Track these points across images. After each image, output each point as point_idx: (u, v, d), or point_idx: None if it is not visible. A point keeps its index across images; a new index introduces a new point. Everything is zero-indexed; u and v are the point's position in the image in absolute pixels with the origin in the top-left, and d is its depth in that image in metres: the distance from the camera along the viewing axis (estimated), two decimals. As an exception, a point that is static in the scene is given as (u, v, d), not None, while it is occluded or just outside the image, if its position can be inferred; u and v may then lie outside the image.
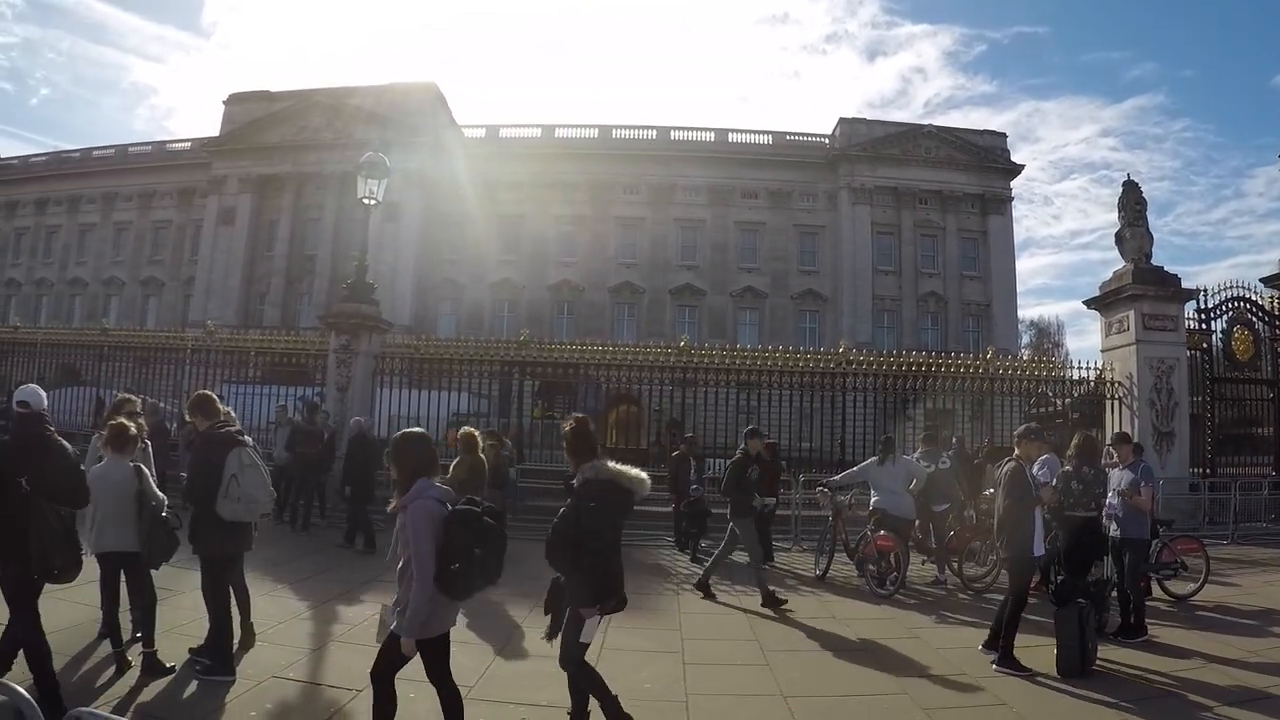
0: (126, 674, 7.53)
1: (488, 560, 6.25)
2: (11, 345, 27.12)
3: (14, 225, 71.28)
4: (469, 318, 57.55)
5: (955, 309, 56.24)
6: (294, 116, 60.61)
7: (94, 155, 70.49)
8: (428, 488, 6.13)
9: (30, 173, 71.64)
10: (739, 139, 60.79)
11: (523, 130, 62.87)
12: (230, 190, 61.21)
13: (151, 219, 67.07)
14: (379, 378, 20.88)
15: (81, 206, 68.93)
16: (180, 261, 64.75)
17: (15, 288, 69.85)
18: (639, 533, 18.00)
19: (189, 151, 66.17)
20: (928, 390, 21.16)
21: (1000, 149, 58.92)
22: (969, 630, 10.37)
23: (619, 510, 6.68)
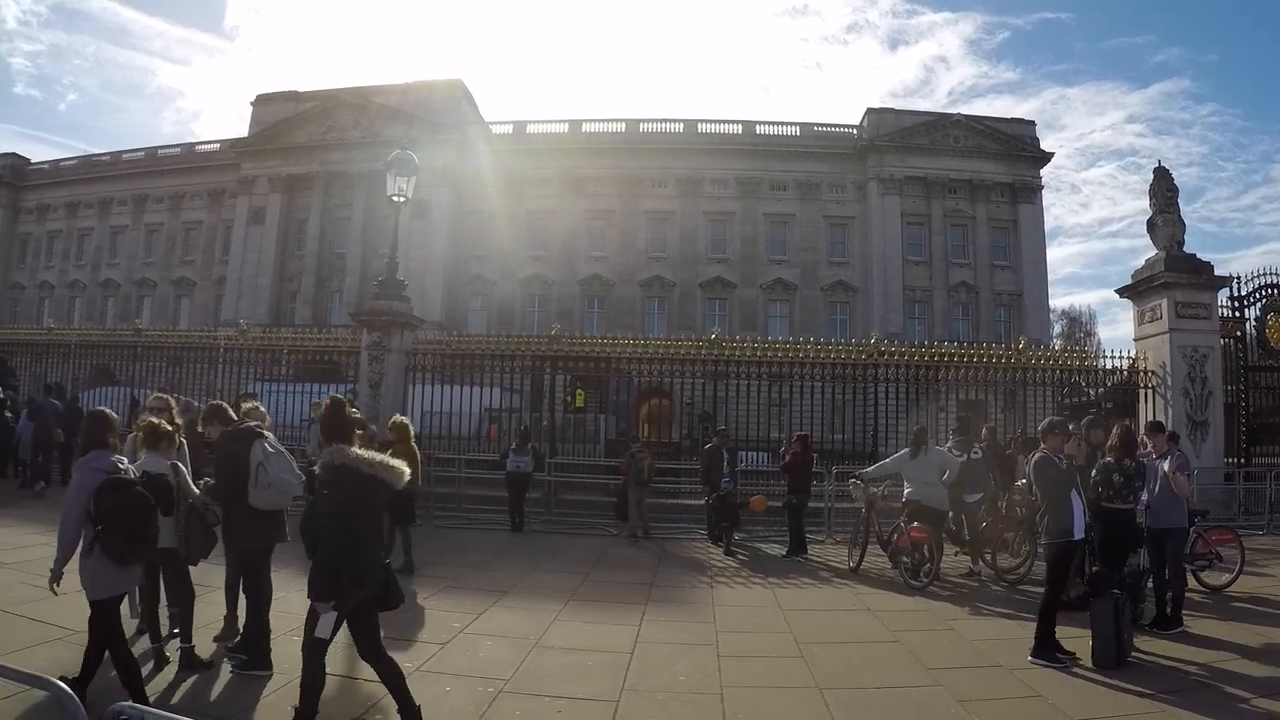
0: (165, 669, 7.62)
1: (145, 529, 6.60)
2: (46, 346, 27.28)
3: (46, 229, 71.96)
4: (500, 313, 57.71)
5: (986, 299, 55.79)
6: (321, 116, 60.84)
7: (124, 158, 71.10)
8: (94, 459, 6.64)
9: (61, 177, 72.36)
10: (766, 131, 60.53)
11: (550, 126, 62.85)
12: (260, 190, 61.62)
13: (182, 220, 67.56)
14: (411, 374, 20.93)
15: (113, 209, 69.50)
16: (211, 261, 65.23)
17: (48, 290, 70.57)
18: (672, 526, 18.06)
19: (218, 153, 66.60)
20: (959, 381, 21.07)
21: (1029, 137, 58.30)
22: (1003, 622, 10.40)
23: (360, 500, 6.26)
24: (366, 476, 6.25)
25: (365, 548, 6.26)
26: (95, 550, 6.47)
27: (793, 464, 16.28)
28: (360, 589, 6.22)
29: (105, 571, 6.53)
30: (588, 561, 14.37)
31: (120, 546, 6.49)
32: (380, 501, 6.53)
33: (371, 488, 6.29)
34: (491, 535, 16.78)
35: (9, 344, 28.46)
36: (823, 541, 16.76)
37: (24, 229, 72.98)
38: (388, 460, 6.45)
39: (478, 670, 7.95)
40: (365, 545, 6.27)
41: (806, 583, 13.13)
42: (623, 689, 7.52)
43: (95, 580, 6.55)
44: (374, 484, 6.30)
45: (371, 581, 6.29)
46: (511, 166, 58.68)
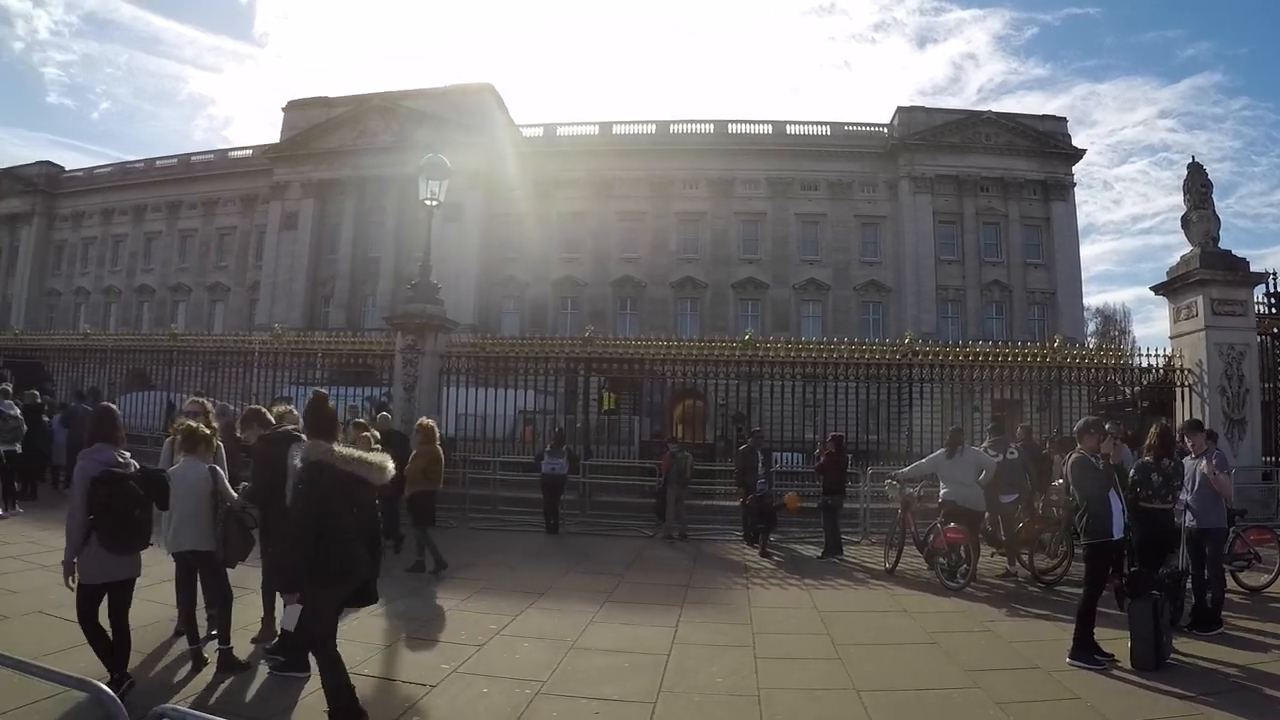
0: (203, 670, 7.67)
1: (141, 521, 7.05)
2: (83, 351, 27.51)
3: (81, 235, 72.72)
4: (532, 316, 57.89)
5: (1020, 297, 55.31)
6: (352, 121, 61.17)
7: (157, 165, 71.72)
8: (98, 450, 7.08)
9: (95, 184, 73.18)
10: (797, 131, 60.16)
11: (580, 128, 62.83)
12: (292, 195, 62.06)
13: (215, 225, 68.12)
14: (445, 377, 21.01)
15: (147, 215, 70.12)
16: (245, 266, 65.71)
17: (84, 296, 71.24)
18: (707, 527, 18.04)
19: (250, 159, 67.17)
20: (994, 380, 20.95)
21: (1061, 134, 57.75)
22: (1041, 623, 10.34)
23: (337, 496, 6.39)
24: (343, 473, 6.42)
25: (344, 544, 6.36)
26: (91, 538, 6.83)
27: (827, 464, 16.26)
28: (344, 583, 6.43)
29: (98, 558, 6.88)
30: (623, 563, 14.40)
31: (111, 536, 6.88)
32: (363, 498, 6.64)
33: (349, 484, 6.45)
34: (527, 537, 16.83)
35: (46, 349, 28.82)
36: (858, 543, 16.74)
37: (59, 236, 73.78)
38: (365, 457, 6.61)
39: (515, 672, 7.97)
40: (344, 541, 6.37)
41: (843, 584, 13.11)
42: (659, 691, 7.53)
43: (88, 565, 6.88)
44: (351, 480, 6.46)
45: (354, 577, 6.48)
46: (542, 169, 58.82)
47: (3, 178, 73.88)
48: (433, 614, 10.21)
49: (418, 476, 12.95)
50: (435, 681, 7.58)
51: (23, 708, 6.28)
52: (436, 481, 13.18)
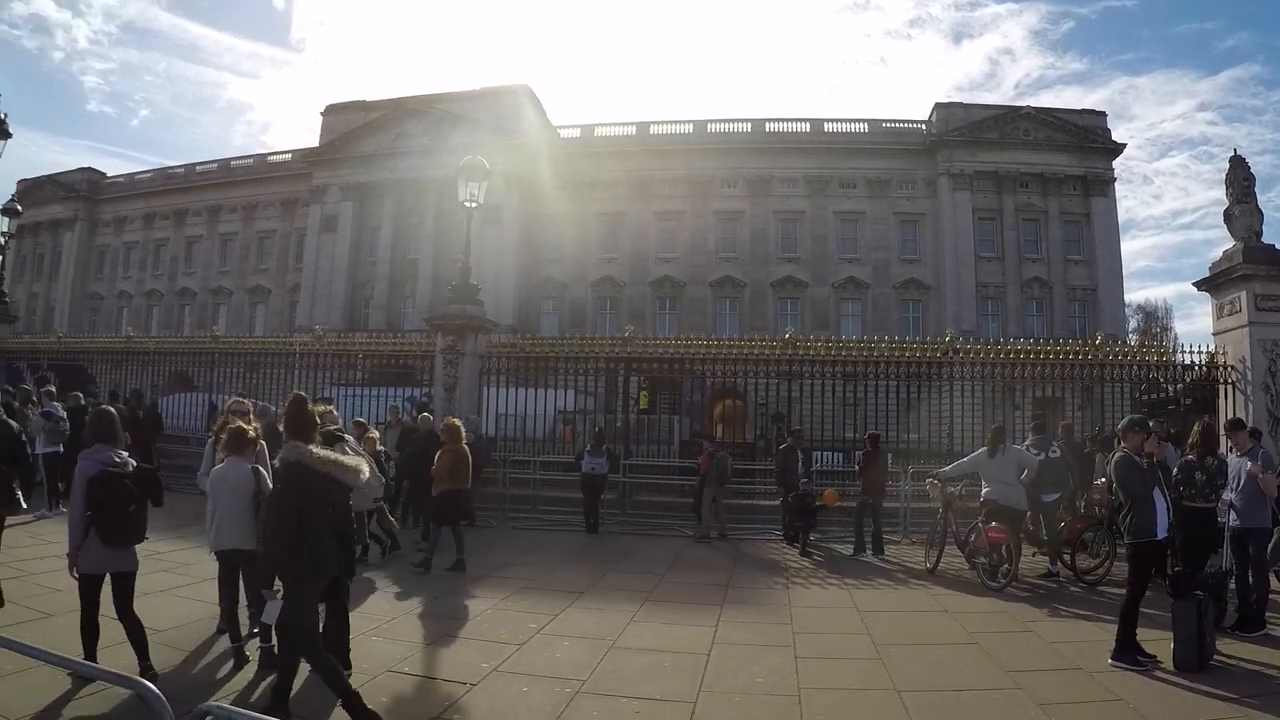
0: (245, 668, 7.75)
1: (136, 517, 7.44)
2: (125, 354, 27.76)
3: (123, 240, 73.88)
4: (571, 316, 58.12)
5: (1060, 294, 54.72)
6: (390, 124, 61.55)
7: (198, 170, 72.64)
8: (97, 451, 7.50)
9: (136, 189, 74.25)
10: (834, 128, 59.82)
11: (617, 129, 62.95)
12: (331, 199, 62.53)
13: (256, 229, 68.83)
14: (485, 377, 21.09)
15: (188, 220, 71.02)
16: (285, 269, 66.34)
17: (126, 299, 72.32)
18: (746, 526, 18.00)
19: (289, 163, 67.87)
20: (1034, 378, 20.80)
21: (1101, 128, 57.10)
22: (1083, 624, 10.26)
23: (313, 496, 6.58)
24: (319, 474, 6.63)
25: (317, 541, 6.55)
26: (90, 532, 7.24)
27: (866, 464, 16.23)
28: (316, 578, 6.64)
29: (96, 551, 7.27)
30: (663, 562, 14.42)
31: (108, 531, 7.27)
32: (337, 498, 6.90)
33: (325, 485, 6.67)
34: (567, 536, 16.88)
35: (89, 352, 29.05)
36: (899, 542, 16.70)
37: (101, 240, 74.96)
38: (341, 459, 6.89)
39: (555, 671, 7.99)
40: (317, 538, 6.55)
41: (883, 583, 13.08)
42: (700, 690, 7.52)
43: (88, 558, 7.29)
44: (327, 481, 6.68)
45: (326, 572, 6.73)
46: (580, 170, 58.99)
47: (45, 184, 74.83)
48: (473, 613, 10.24)
49: (444, 476, 12.99)
50: (475, 680, 7.61)
51: (69, 703, 6.36)
52: (464, 480, 13.21)
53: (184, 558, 12.08)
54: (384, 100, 62.98)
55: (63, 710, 6.30)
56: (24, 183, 72.61)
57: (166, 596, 10.26)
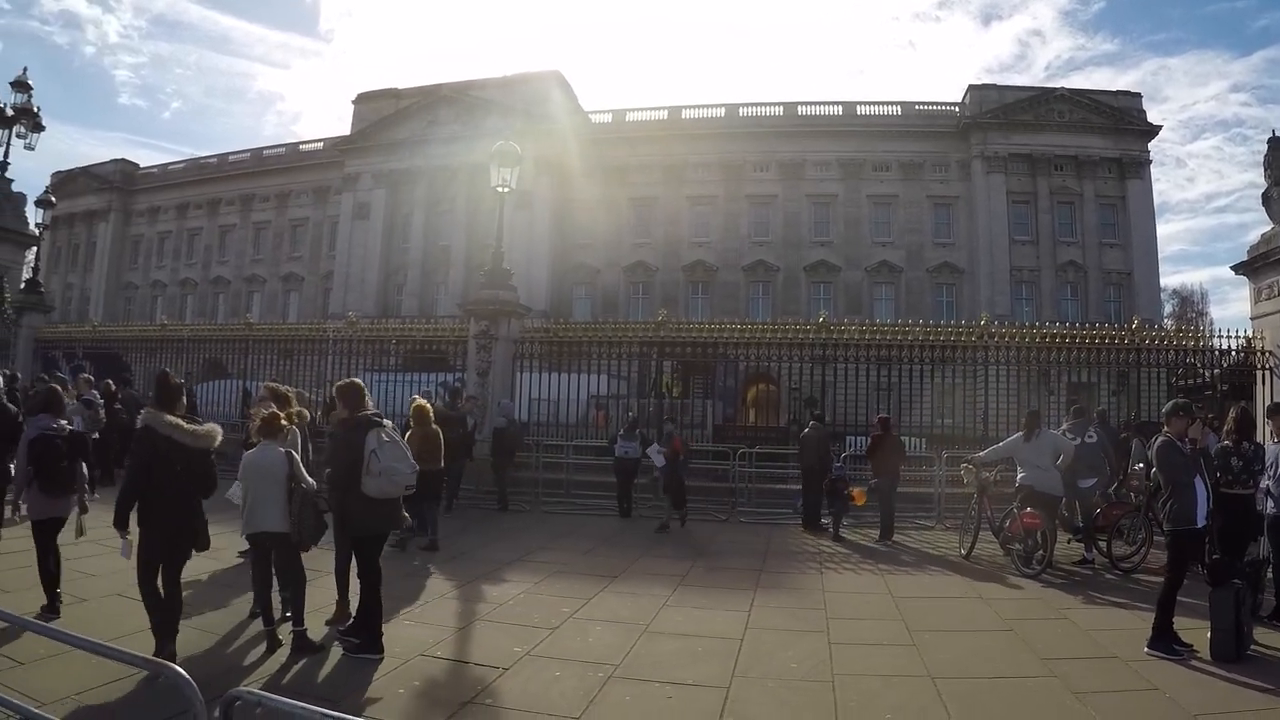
0: (277, 652, 7.77)
1: (67, 471, 8.95)
2: (160, 342, 27.94)
3: (157, 230, 74.77)
4: (604, 301, 58.29)
5: (1095, 278, 54.27)
6: (421, 112, 61.81)
7: (230, 160, 73.35)
8: (40, 419, 9.06)
9: (170, 180, 75.15)
10: (867, 111, 59.60)
11: (649, 113, 62.95)
12: (364, 186, 62.93)
13: (288, 217, 69.47)
14: (518, 362, 21.14)
15: (221, 209, 71.77)
16: (318, 257, 66.91)
17: (161, 288, 73.23)
18: (780, 511, 17.93)
19: (321, 151, 68.36)
20: (1069, 363, 20.66)
21: (1136, 110, 56.40)
22: (1118, 611, 10.17)
23: (159, 456, 7.35)
24: (162, 437, 7.36)
25: (158, 494, 7.31)
26: (34, 485, 8.79)
27: (874, 446, 16.20)
28: (161, 530, 7.31)
29: (39, 500, 8.84)
30: (696, 546, 14.48)
31: (45, 482, 8.78)
32: (183, 460, 7.44)
33: (169, 448, 7.35)
34: (599, 521, 16.92)
35: (124, 340, 29.31)
36: (933, 528, 16.68)
37: (136, 231, 75.80)
38: (184, 425, 7.50)
39: (587, 655, 7.99)
40: (158, 492, 7.31)
41: (917, 569, 13.04)
42: (733, 675, 7.50)
43: (34, 506, 8.89)
44: (169, 444, 7.35)
45: (160, 524, 7.30)
46: (612, 155, 59.05)
47: (79, 176, 75.80)
48: (506, 597, 10.25)
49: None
50: (508, 664, 7.62)
51: (100, 688, 6.40)
52: (434, 461, 13.21)
53: (216, 542, 12.12)
54: (415, 88, 63.29)
55: (94, 694, 6.33)
56: (58, 175, 73.79)
57: (200, 581, 10.33)
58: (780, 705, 6.87)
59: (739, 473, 19.16)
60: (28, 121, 27.00)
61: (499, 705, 6.73)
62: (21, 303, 28.65)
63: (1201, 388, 20.37)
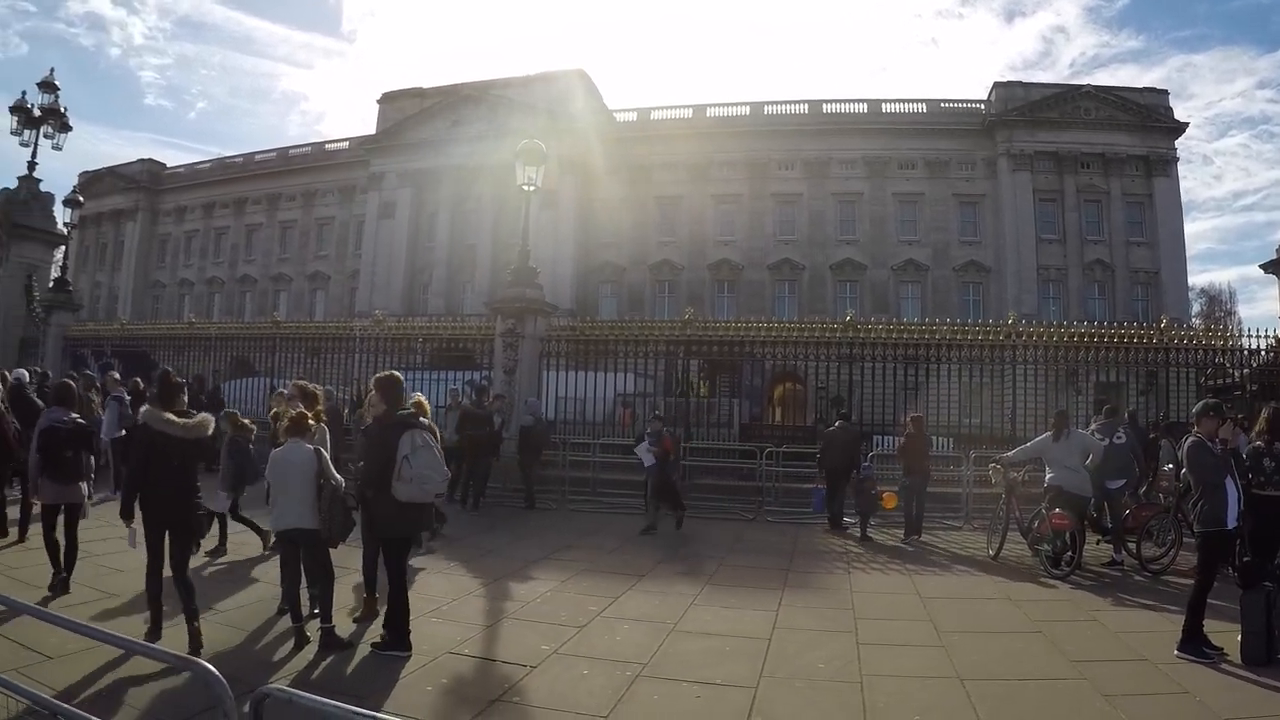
0: (305, 649, 7.81)
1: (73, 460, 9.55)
2: (188, 340, 28.14)
3: (184, 229, 75.46)
4: (630, 300, 58.41)
5: (1123, 277, 54.05)
6: (446, 111, 62.06)
7: (256, 159, 74.00)
8: (51, 411, 9.79)
9: (196, 179, 75.86)
10: (892, 109, 59.54)
11: (673, 112, 62.99)
12: (389, 185, 63.26)
13: (314, 216, 70.05)
14: (545, 360, 21.18)
15: (247, 208, 72.42)
16: (344, 255, 67.39)
17: (188, 287, 73.78)
18: (806, 510, 17.86)
19: (346, 151, 68.82)
20: (1097, 362, 20.55)
21: (1162, 107, 56.11)
22: (1148, 614, 10.09)
23: (154, 448, 7.80)
24: (156, 432, 7.77)
25: (153, 488, 7.76)
26: (43, 473, 9.49)
27: (906, 445, 16.14)
28: (149, 520, 7.79)
29: (48, 487, 9.51)
30: (723, 545, 14.43)
31: (52, 470, 9.42)
32: (174, 451, 7.83)
33: (161, 441, 7.76)
34: (626, 519, 16.83)
35: (152, 338, 29.51)
36: (960, 528, 16.62)
37: (163, 230, 76.50)
38: (174, 419, 7.87)
39: (615, 654, 7.99)
40: (154, 485, 7.76)
41: (945, 570, 12.99)
42: (761, 675, 7.48)
43: (44, 492, 9.57)
44: (162, 438, 7.77)
45: (157, 516, 7.79)
46: (636, 153, 59.19)
47: (106, 176, 76.47)
48: (533, 595, 10.27)
49: None
50: (535, 662, 7.62)
51: (129, 685, 6.45)
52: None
53: (245, 538, 12.23)
54: (439, 87, 63.55)
55: (122, 690, 6.40)
56: (86, 175, 74.06)
57: (226, 577, 10.39)
58: (808, 706, 6.85)
59: (765, 472, 19.12)
60: (55, 122, 27.30)
61: (527, 703, 6.73)
62: (50, 301, 28.87)
63: (1231, 387, 20.23)
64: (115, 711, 5.95)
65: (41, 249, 30.64)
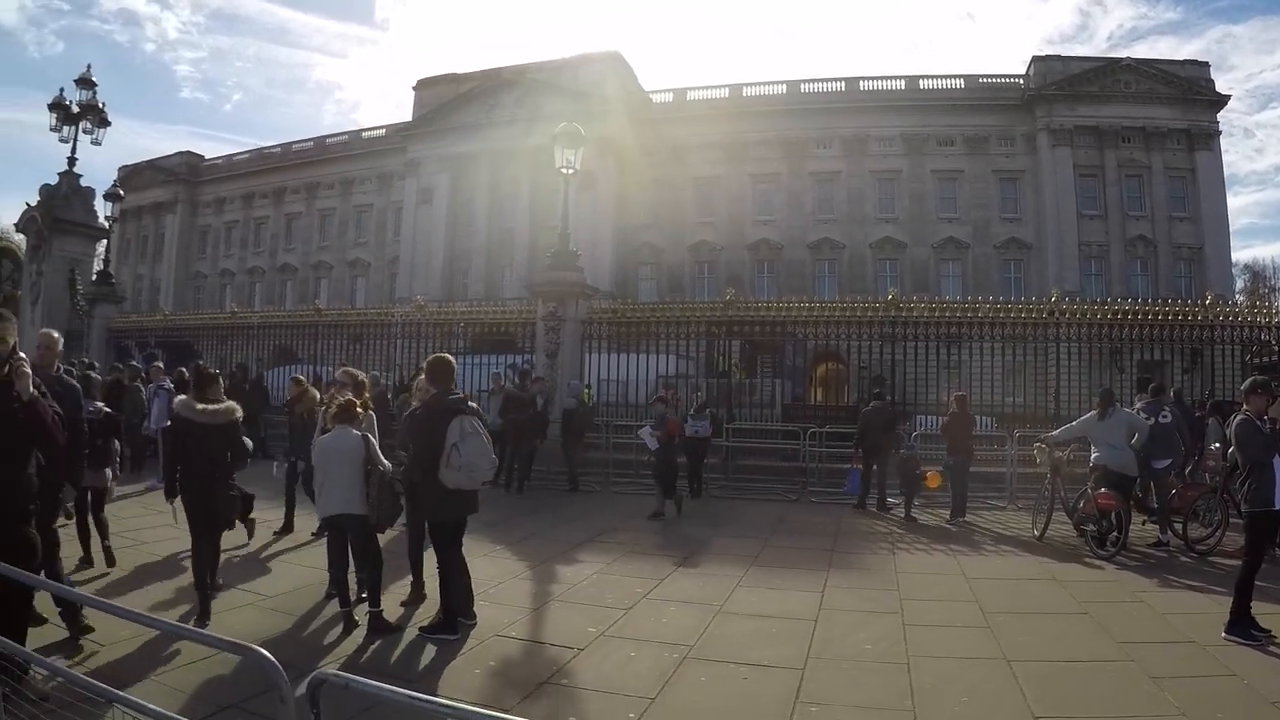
0: (353, 633, 7.91)
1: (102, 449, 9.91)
2: (230, 329, 28.45)
3: (224, 219, 76.33)
4: (669, 281, 58.42)
5: (1165, 253, 53.31)
6: (482, 96, 62.18)
7: (294, 149, 74.62)
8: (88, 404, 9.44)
9: (235, 170, 76.71)
10: (930, 85, 58.99)
11: (709, 92, 62.67)
12: (427, 171, 63.58)
13: (353, 204, 70.44)
14: (586, 343, 21.25)
15: (286, 197, 73.09)
16: (384, 242, 67.82)
17: (229, 276, 74.65)
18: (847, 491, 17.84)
19: (384, 137, 69.22)
20: (1140, 340, 20.37)
21: (1204, 79, 55.24)
22: (1194, 595, 10.00)
23: (189, 435, 8.25)
24: (183, 419, 8.30)
25: (185, 471, 8.27)
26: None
27: (950, 423, 16.10)
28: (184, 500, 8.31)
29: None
30: (767, 526, 14.47)
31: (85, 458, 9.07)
32: (202, 436, 8.23)
33: (189, 429, 8.23)
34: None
35: (194, 328, 29.94)
36: (1004, 508, 16.57)
37: (203, 221, 77.38)
38: (200, 406, 8.31)
39: (661, 635, 8.03)
40: (185, 468, 8.27)
41: (990, 550, 12.98)
42: (807, 656, 7.50)
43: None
44: (190, 425, 8.23)
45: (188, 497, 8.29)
46: (673, 134, 59.03)
47: (145, 169, 77.44)
48: (579, 577, 10.35)
49: None
50: (583, 644, 7.68)
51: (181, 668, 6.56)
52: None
53: (299, 523, 12.38)
54: (475, 72, 63.81)
55: (172, 676, 6.49)
56: (125, 168, 75.02)
57: (274, 562, 10.52)
58: (855, 687, 6.86)
59: (809, 452, 19.09)
60: (93, 117, 27.64)
61: (575, 685, 6.77)
62: (94, 294, 29.27)
63: (1277, 365, 20.03)
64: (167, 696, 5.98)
65: (83, 243, 30.97)
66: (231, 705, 5.86)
